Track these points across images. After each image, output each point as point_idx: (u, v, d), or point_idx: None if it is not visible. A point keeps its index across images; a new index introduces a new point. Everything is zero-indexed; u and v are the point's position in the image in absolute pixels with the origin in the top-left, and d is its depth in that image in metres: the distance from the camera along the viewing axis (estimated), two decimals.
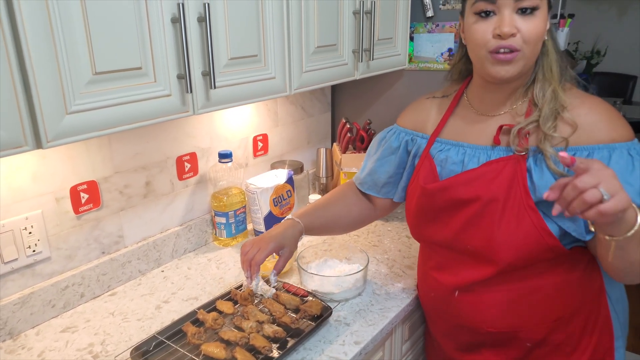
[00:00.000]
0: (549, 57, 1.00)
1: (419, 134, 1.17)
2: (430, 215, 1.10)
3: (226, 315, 1.16)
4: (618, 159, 0.92)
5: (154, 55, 0.97)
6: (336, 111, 2.06)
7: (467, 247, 1.05)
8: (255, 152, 1.72)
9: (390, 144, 1.22)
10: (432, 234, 1.12)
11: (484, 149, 1.04)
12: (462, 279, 1.07)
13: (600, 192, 0.72)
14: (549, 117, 0.96)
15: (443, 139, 1.11)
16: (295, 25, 1.27)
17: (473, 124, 1.08)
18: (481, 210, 1.00)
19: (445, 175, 1.08)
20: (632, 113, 3.85)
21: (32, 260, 1.17)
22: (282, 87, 1.28)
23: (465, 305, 1.09)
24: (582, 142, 0.94)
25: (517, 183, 0.97)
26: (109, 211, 1.32)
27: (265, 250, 1.10)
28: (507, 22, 0.92)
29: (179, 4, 0.97)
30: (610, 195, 0.72)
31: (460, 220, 1.04)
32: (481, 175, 1.01)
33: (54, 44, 0.82)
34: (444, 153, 1.09)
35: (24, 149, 0.83)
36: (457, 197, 1.03)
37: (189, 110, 1.07)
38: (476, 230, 1.02)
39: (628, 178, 0.90)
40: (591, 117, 0.95)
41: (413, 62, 1.80)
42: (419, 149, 1.16)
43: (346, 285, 1.25)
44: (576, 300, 1.04)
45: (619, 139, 0.93)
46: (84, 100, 0.88)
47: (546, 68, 0.99)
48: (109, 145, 1.28)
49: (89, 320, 1.21)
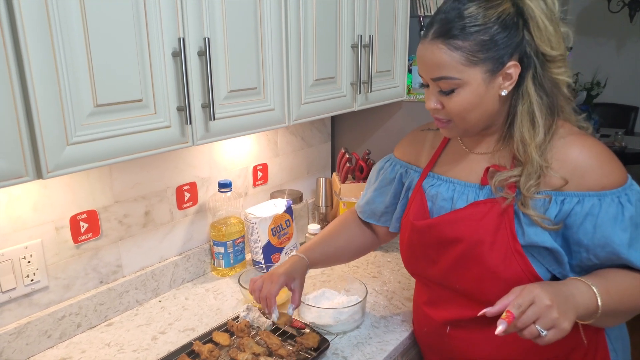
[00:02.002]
0: (527, 113, 0.94)
1: (413, 166, 1.19)
2: (420, 251, 1.09)
3: (222, 347, 1.15)
4: (607, 207, 0.91)
5: (155, 87, 0.99)
6: (336, 141, 2.08)
7: (456, 286, 1.04)
8: (255, 182, 1.74)
9: (387, 174, 1.23)
10: (423, 270, 1.12)
11: (472, 187, 1.04)
12: (453, 315, 1.07)
13: (537, 330, 0.80)
14: (532, 176, 0.93)
15: (435, 173, 1.12)
16: (294, 59, 1.29)
17: (462, 161, 1.08)
18: (467, 251, 1.00)
19: (436, 211, 1.08)
20: (634, 144, 3.86)
21: (29, 289, 1.17)
22: (280, 119, 1.30)
23: (458, 341, 1.08)
24: (572, 187, 0.93)
25: (504, 227, 0.96)
26: (108, 240, 1.32)
27: (277, 282, 1.11)
28: (430, 99, 0.98)
29: (179, 38, 1.00)
30: (547, 329, 0.81)
31: (448, 259, 1.03)
32: (468, 216, 1.00)
33: (57, 77, 0.84)
34: (435, 188, 1.09)
35: (24, 179, 0.84)
36: (443, 236, 1.03)
37: (188, 141, 1.08)
38: (464, 271, 1.01)
39: (616, 227, 0.90)
40: (582, 161, 0.93)
41: (412, 93, 1.82)
42: (412, 182, 1.17)
43: (344, 318, 1.24)
44: (571, 339, 1.01)
45: (609, 186, 0.92)
46: (85, 132, 0.90)
47: (523, 127, 0.94)
48: (109, 174, 1.29)
49: (84, 351, 1.20)
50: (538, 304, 0.81)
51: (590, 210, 0.91)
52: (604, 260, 0.93)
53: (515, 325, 0.81)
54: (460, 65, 0.90)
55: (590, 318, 0.88)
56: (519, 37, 0.91)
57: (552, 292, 0.83)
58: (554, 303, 0.81)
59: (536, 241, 0.94)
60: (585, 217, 0.92)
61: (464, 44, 0.90)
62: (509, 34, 0.90)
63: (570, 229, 0.93)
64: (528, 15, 0.91)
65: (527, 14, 0.91)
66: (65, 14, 0.83)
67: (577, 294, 0.86)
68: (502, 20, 0.90)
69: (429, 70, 0.95)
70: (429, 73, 0.95)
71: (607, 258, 0.92)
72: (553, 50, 0.92)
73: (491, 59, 0.90)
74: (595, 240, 0.92)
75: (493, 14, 0.90)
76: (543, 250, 0.95)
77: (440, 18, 0.92)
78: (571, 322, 0.82)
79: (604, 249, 0.91)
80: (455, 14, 0.90)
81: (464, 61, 0.90)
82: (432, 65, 0.93)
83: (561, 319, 0.81)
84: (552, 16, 0.92)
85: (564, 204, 0.93)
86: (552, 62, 0.94)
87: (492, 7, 0.90)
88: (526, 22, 0.91)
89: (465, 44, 0.90)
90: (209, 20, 1.06)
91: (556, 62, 0.94)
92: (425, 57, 0.94)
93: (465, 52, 0.90)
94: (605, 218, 0.91)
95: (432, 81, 0.95)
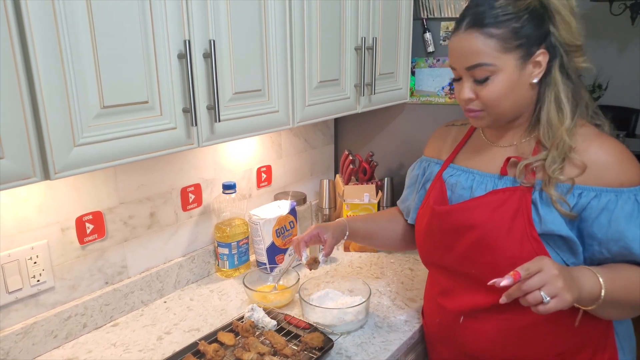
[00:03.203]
0: (554, 99, 0.99)
1: (434, 159, 1.23)
2: (438, 237, 1.12)
3: (227, 347, 1.16)
4: (624, 204, 0.93)
5: (161, 89, 1.00)
6: (339, 143, 2.09)
7: (471, 271, 1.06)
8: (258, 184, 1.74)
9: (415, 172, 1.29)
10: (439, 257, 1.14)
11: (492, 177, 1.07)
12: (467, 304, 1.08)
13: (540, 295, 0.83)
14: (556, 160, 0.97)
15: (456, 164, 1.15)
16: (298, 61, 1.30)
17: (484, 153, 1.11)
18: (482, 238, 1.02)
19: (455, 199, 1.11)
20: (635, 146, 3.86)
21: (36, 290, 1.18)
22: (285, 121, 1.31)
23: (469, 333, 1.10)
24: (590, 182, 0.95)
25: (522, 214, 0.99)
26: (113, 241, 1.33)
27: (309, 232, 1.23)
28: (464, 90, 1.01)
29: (185, 40, 1.01)
30: (551, 297, 0.83)
31: (464, 244, 1.06)
32: (486, 203, 1.03)
33: (64, 78, 0.85)
34: (455, 178, 1.13)
35: (32, 180, 0.85)
36: (460, 222, 1.06)
37: (193, 143, 1.09)
38: (479, 256, 1.03)
39: (631, 224, 0.93)
40: (601, 158, 0.96)
41: (415, 95, 1.83)
42: (431, 174, 1.21)
43: (348, 318, 1.25)
44: (579, 336, 1.03)
45: (627, 183, 0.94)
46: (91, 133, 0.91)
47: (551, 112, 0.99)
48: (114, 176, 1.30)
49: (90, 351, 1.20)
50: (546, 272, 0.84)
51: (607, 206, 0.94)
52: (615, 254, 0.95)
53: (520, 288, 0.84)
54: (495, 52, 0.95)
55: (592, 303, 0.91)
56: (545, 27, 0.96)
57: (560, 267, 0.86)
58: (560, 274, 0.85)
59: (552, 229, 0.96)
60: (601, 212, 0.94)
61: (498, 31, 0.94)
62: (537, 23, 0.95)
63: (586, 222, 0.96)
64: (553, 8, 0.96)
65: (552, 6, 0.96)
66: (72, 16, 0.84)
67: (582, 277, 0.90)
68: (531, 10, 0.95)
69: (464, 60, 0.98)
70: (464, 62, 0.98)
71: (619, 253, 0.95)
72: (575, 40, 0.97)
73: (523, 46, 0.95)
74: (609, 235, 0.94)
75: (522, 4, 0.95)
76: (558, 240, 0.98)
77: (473, 11, 0.97)
78: (574, 297, 0.85)
79: (617, 243, 0.94)
80: (487, 6, 0.96)
81: (499, 47, 0.94)
82: (468, 53, 0.97)
83: (565, 289, 0.84)
84: (571, 10, 0.98)
85: (582, 197, 0.96)
86: (575, 52, 0.99)
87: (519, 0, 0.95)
88: (550, 15, 0.96)
89: (499, 31, 0.94)
90: (214, 22, 1.07)
91: (578, 52, 0.99)
92: (460, 47, 0.98)
93: (500, 39, 0.94)
94: (621, 214, 0.93)
95: (466, 71, 0.99)
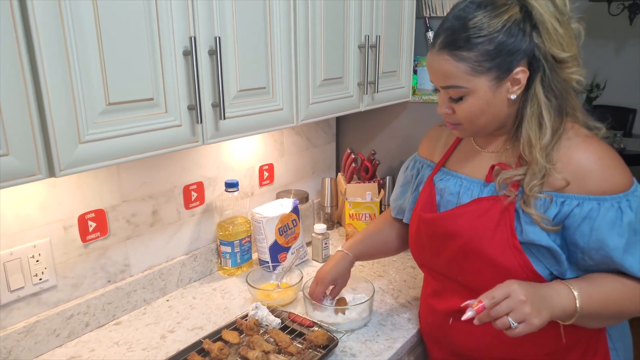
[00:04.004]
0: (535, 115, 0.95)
1: (427, 161, 1.22)
2: (427, 242, 1.13)
3: (232, 345, 1.16)
4: (606, 212, 0.91)
5: (166, 86, 1.00)
6: (341, 142, 2.08)
7: (458, 277, 1.07)
8: (261, 182, 1.74)
9: (409, 171, 1.27)
10: (429, 260, 1.15)
11: (478, 183, 1.06)
12: (456, 306, 1.07)
13: (508, 321, 0.85)
14: (536, 175, 0.94)
15: (446, 168, 1.15)
16: (302, 59, 1.30)
17: (472, 158, 1.10)
18: (467, 245, 1.02)
19: (443, 204, 1.11)
20: (633, 145, 3.87)
21: (38, 288, 1.17)
22: (289, 118, 1.31)
23: (460, 333, 1.10)
24: (573, 190, 0.93)
25: (505, 223, 0.98)
26: (116, 240, 1.32)
27: (322, 284, 1.26)
28: (440, 105, 1.02)
29: (191, 37, 1.00)
30: (518, 322, 0.85)
31: (450, 251, 1.06)
32: (470, 211, 1.03)
33: (69, 75, 0.84)
34: (444, 182, 1.12)
35: (37, 178, 0.84)
36: (446, 229, 1.06)
37: (198, 141, 1.09)
38: (465, 263, 1.04)
39: (613, 232, 0.91)
40: (585, 165, 0.93)
41: (417, 94, 1.83)
42: (423, 177, 1.20)
43: (352, 316, 1.25)
44: (568, 337, 1.01)
45: (609, 191, 0.92)
46: (97, 130, 0.90)
47: (530, 129, 0.95)
48: (117, 174, 1.30)
49: (93, 350, 1.20)
50: (513, 298, 0.86)
51: (589, 214, 0.92)
52: (598, 262, 0.94)
53: (489, 314, 0.86)
54: (466, 75, 0.93)
55: (568, 319, 0.91)
56: (526, 42, 0.91)
57: (529, 290, 0.87)
58: (528, 299, 0.86)
59: (533, 239, 0.96)
60: (583, 220, 0.93)
61: (469, 55, 0.92)
62: (515, 41, 0.91)
63: (568, 230, 0.95)
64: (537, 20, 0.91)
65: (536, 18, 0.91)
66: (78, 13, 0.84)
67: (555, 295, 0.90)
68: (507, 28, 0.90)
69: (437, 79, 0.99)
70: (438, 82, 0.99)
71: (602, 261, 0.93)
72: (563, 52, 0.93)
73: (497, 67, 0.92)
74: (591, 243, 0.93)
75: (498, 23, 0.90)
76: (542, 248, 0.97)
77: (447, 27, 0.94)
78: (543, 320, 0.86)
79: (598, 252, 0.93)
80: (460, 25, 0.92)
81: (469, 71, 0.92)
82: (440, 74, 0.96)
83: (533, 314, 0.85)
84: (562, 17, 0.92)
85: (564, 205, 0.94)
86: (563, 64, 0.94)
87: (498, 15, 0.91)
88: (535, 26, 0.91)
89: (470, 54, 0.91)
90: (219, 20, 1.07)
91: (567, 63, 0.94)
92: (433, 67, 0.98)
93: (471, 63, 0.92)
94: (603, 222, 0.91)
95: (441, 88, 0.99)
